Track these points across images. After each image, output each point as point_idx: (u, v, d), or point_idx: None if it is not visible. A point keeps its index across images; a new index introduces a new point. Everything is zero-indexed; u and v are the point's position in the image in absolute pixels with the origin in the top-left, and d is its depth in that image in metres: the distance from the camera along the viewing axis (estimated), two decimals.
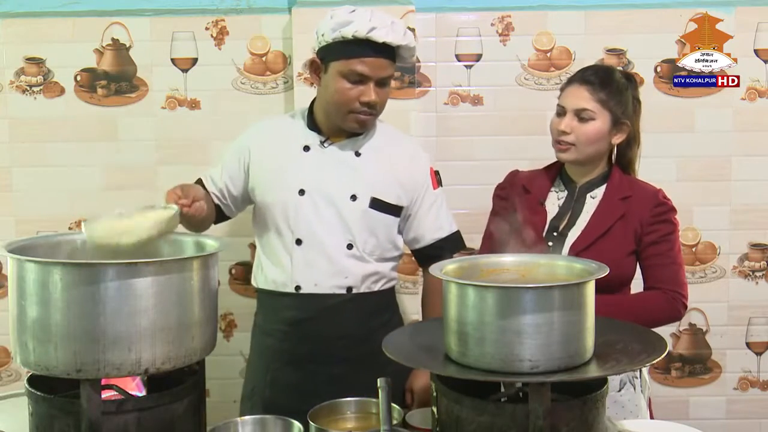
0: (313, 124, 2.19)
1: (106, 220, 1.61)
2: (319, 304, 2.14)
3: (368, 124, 2.15)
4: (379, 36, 2.00)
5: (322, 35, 2.06)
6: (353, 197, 2.13)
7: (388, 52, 2.05)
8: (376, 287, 2.20)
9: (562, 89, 2.20)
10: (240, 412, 2.27)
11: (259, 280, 2.25)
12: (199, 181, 2.23)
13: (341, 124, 2.13)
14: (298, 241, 2.14)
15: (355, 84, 2.05)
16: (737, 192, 3.02)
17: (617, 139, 2.16)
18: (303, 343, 2.16)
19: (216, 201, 2.23)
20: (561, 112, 2.15)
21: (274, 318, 2.21)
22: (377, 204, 2.15)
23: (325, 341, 2.15)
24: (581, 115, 2.10)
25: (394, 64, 2.10)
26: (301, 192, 2.13)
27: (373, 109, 2.10)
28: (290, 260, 2.15)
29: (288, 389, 2.15)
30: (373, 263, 2.17)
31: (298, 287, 2.15)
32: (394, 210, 2.19)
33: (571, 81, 2.17)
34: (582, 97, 2.11)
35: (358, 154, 2.17)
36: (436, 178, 2.27)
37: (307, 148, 2.17)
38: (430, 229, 2.24)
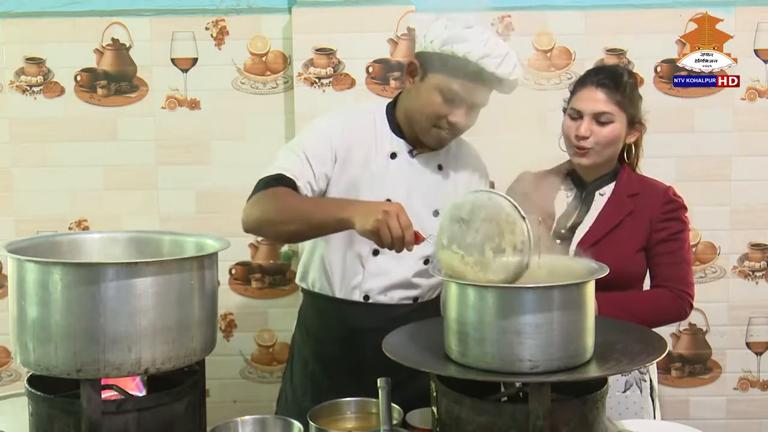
0: (397, 128, 2.08)
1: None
2: (386, 314, 2.05)
3: (446, 143, 2.06)
4: (491, 65, 1.90)
5: (431, 42, 1.93)
6: (435, 213, 2.04)
7: (491, 80, 1.94)
8: (434, 294, 2.15)
9: (572, 92, 2.17)
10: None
11: (317, 284, 2.14)
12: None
13: (420, 136, 2.03)
14: (376, 252, 2.04)
15: (448, 102, 1.95)
16: (737, 192, 3.02)
17: (631, 138, 2.16)
18: (367, 352, 2.03)
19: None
20: (576, 116, 2.11)
21: (335, 325, 2.12)
22: None
23: None
24: (600, 119, 2.08)
25: (491, 90, 1.98)
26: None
27: (457, 131, 2.01)
28: (363, 270, 2.06)
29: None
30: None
31: (366, 297, 2.07)
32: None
33: (583, 83, 2.14)
34: (599, 100, 2.08)
35: (440, 167, 2.10)
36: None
37: (393, 156, 2.06)
38: None
